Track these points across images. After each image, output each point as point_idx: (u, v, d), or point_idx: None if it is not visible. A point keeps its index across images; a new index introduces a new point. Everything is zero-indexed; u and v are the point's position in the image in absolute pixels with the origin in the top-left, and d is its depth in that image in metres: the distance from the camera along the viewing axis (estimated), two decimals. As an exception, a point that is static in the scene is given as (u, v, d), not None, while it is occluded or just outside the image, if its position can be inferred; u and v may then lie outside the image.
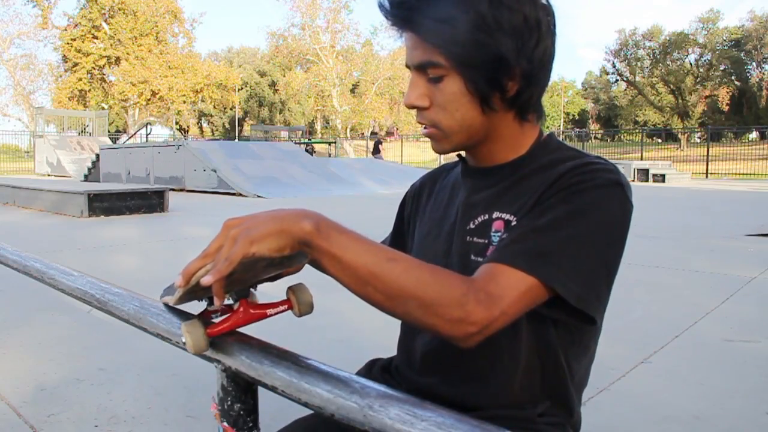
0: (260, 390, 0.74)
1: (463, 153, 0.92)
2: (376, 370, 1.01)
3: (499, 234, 0.82)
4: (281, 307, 0.75)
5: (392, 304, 0.67)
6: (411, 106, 0.82)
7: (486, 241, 0.83)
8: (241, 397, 0.75)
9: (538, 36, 0.76)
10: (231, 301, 0.75)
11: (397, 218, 1.07)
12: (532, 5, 0.76)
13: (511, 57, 0.76)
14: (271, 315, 0.74)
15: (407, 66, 0.82)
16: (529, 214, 0.76)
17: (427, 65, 0.78)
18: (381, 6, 0.80)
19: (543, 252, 0.71)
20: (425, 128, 0.83)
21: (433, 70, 0.78)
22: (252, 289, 0.78)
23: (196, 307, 0.78)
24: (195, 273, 0.64)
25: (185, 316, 0.80)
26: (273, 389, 0.67)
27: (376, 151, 26.39)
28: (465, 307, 0.66)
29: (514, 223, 0.80)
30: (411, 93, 0.81)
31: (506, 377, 0.82)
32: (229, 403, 0.76)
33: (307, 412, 0.72)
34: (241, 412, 0.76)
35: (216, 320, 0.74)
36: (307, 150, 26.46)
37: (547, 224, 0.73)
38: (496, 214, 0.83)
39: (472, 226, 0.85)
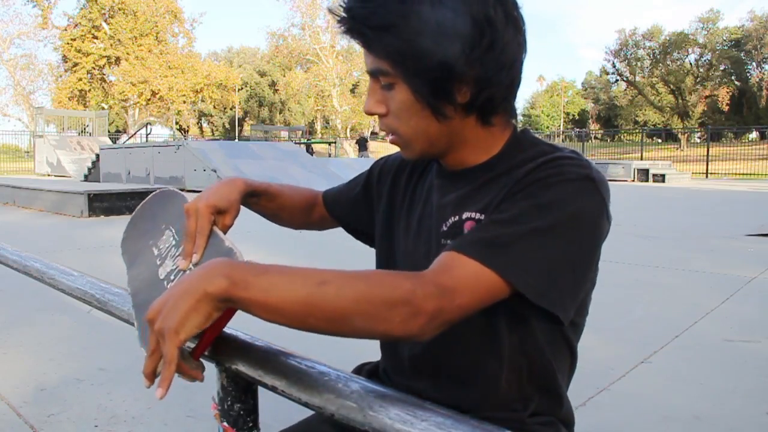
0: (260, 390, 0.74)
1: None
2: (364, 374, 1.00)
3: None
4: None
5: (338, 327, 0.62)
6: (369, 113, 0.80)
7: None
8: (241, 397, 0.75)
9: (491, 36, 0.72)
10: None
11: (362, 186, 1.04)
12: (480, 4, 0.71)
13: (458, 63, 0.72)
14: None
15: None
16: (495, 210, 0.74)
17: (377, 73, 0.76)
18: (331, 13, 0.77)
19: (500, 243, 0.68)
20: (388, 136, 0.82)
21: (383, 78, 0.76)
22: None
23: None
24: (154, 371, 0.62)
25: None
26: (273, 389, 0.67)
27: (362, 148, 26.70)
28: (413, 303, 0.62)
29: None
30: (369, 100, 0.80)
31: (492, 376, 0.81)
32: (229, 403, 0.76)
33: (307, 412, 0.72)
34: (241, 412, 0.76)
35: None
36: (363, 149, 26.72)
37: (509, 217, 0.70)
38: (466, 215, 0.81)
39: (444, 228, 0.83)
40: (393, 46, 0.72)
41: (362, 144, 27.72)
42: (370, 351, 1.22)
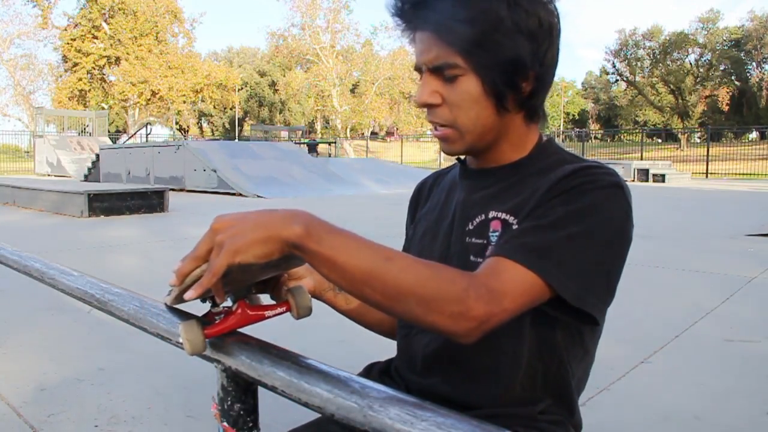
0: (260, 390, 0.74)
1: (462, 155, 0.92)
2: (374, 373, 1.00)
3: (496, 234, 0.82)
4: (279, 310, 0.75)
5: (391, 304, 0.65)
6: (424, 105, 0.80)
7: (485, 242, 0.83)
8: (241, 397, 0.75)
9: (549, 40, 0.79)
10: (230, 303, 0.75)
11: (406, 230, 1.08)
12: (545, 10, 0.78)
13: (527, 59, 0.78)
14: (269, 317, 0.74)
15: (417, 67, 0.81)
16: (531, 214, 0.77)
17: (444, 67, 0.77)
18: (393, 5, 0.79)
19: (543, 248, 0.71)
20: (437, 129, 0.82)
21: (449, 71, 0.78)
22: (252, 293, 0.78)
23: (195, 307, 0.78)
24: (188, 273, 0.64)
25: (185, 316, 0.80)
26: (273, 389, 0.67)
27: (312, 150, 29.13)
28: (465, 302, 0.65)
29: (514, 224, 0.80)
30: (423, 91, 0.79)
31: (508, 377, 0.82)
32: (229, 403, 0.76)
33: (307, 411, 0.72)
34: (241, 412, 0.76)
35: (216, 321, 0.74)
36: (312, 151, 27.93)
37: (549, 223, 0.74)
38: (492, 214, 0.83)
39: (470, 227, 0.85)
40: (472, 39, 0.75)
41: (312, 147, 30.38)
42: (371, 351, 1.22)
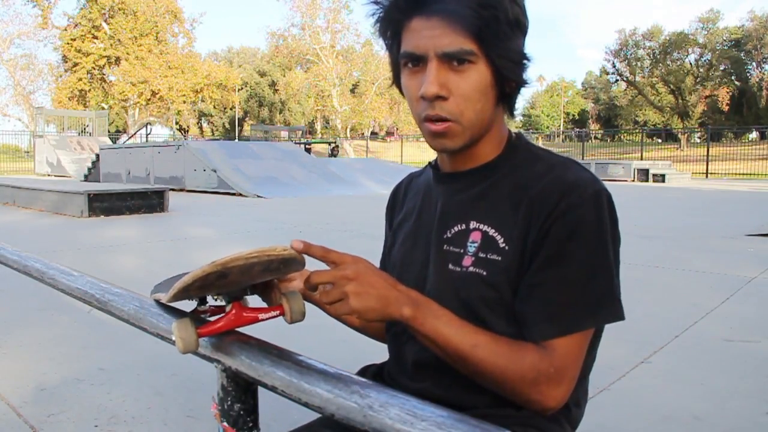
0: (260, 390, 0.74)
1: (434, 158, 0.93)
2: (368, 376, 1.00)
3: (475, 244, 0.81)
4: (273, 313, 0.75)
5: (477, 379, 0.78)
6: (434, 97, 0.77)
7: (462, 251, 0.82)
8: (241, 397, 0.76)
9: (524, 39, 0.81)
10: (223, 303, 0.76)
11: (385, 237, 1.06)
12: (525, 10, 0.80)
13: (523, 53, 0.80)
14: (262, 320, 0.75)
15: (415, 56, 0.78)
16: (537, 252, 0.77)
17: (458, 54, 0.75)
18: None
19: (583, 300, 0.77)
20: (437, 123, 0.79)
21: (463, 57, 0.76)
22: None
23: (191, 306, 0.78)
24: (319, 283, 0.71)
25: (179, 314, 0.80)
26: (273, 389, 0.67)
27: (332, 155, 30.61)
28: (538, 387, 0.75)
29: (497, 238, 0.80)
30: (432, 83, 0.76)
31: None
32: (229, 403, 0.76)
33: (308, 411, 0.72)
34: (241, 412, 0.76)
35: (210, 320, 0.75)
36: (333, 153, 28.85)
37: (575, 275, 0.77)
38: (473, 224, 0.83)
39: (448, 235, 0.85)
40: (486, 25, 0.75)
41: (333, 152, 31.92)
42: (371, 352, 1.22)
